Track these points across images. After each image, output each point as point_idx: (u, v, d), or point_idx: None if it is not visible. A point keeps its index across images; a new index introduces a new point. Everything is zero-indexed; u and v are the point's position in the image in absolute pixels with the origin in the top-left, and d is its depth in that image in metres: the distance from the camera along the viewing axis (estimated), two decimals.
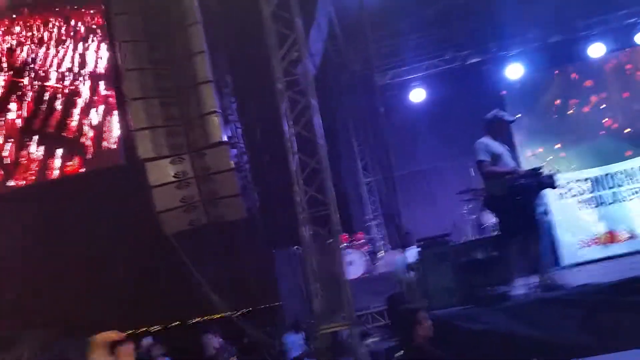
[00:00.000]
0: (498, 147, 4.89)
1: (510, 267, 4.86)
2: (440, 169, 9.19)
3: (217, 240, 6.06)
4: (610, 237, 6.64)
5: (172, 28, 6.16)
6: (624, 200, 6.71)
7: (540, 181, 4.79)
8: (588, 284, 4.52)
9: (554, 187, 5.01)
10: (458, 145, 7.72)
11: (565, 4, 8.41)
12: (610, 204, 6.72)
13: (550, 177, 4.84)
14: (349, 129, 9.96)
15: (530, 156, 9.22)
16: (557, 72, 9.81)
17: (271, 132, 6.66)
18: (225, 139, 6.22)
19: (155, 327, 6.61)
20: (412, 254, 6.11)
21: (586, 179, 6.83)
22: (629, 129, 9.34)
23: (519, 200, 4.63)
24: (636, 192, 6.69)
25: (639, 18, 9.24)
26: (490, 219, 6.95)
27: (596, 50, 9.31)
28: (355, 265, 7.47)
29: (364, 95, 9.68)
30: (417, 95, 9.79)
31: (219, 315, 6.06)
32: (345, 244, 7.35)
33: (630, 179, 6.74)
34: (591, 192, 6.77)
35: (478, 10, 8.83)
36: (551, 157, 9.19)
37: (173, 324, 6.45)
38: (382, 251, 9.05)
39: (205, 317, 6.15)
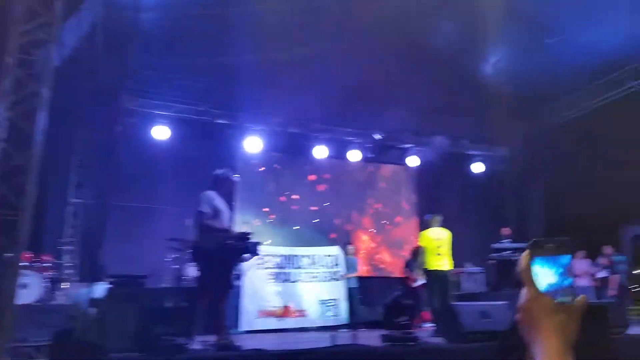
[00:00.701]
0: (221, 203, 5.14)
1: (195, 321, 4.98)
2: (158, 211, 8.98)
3: None
4: (286, 312, 7.47)
5: None
6: (304, 281, 7.72)
7: (246, 246, 5.18)
8: (258, 349, 4.94)
9: (255, 255, 5.47)
10: (184, 193, 7.75)
11: (309, 104, 9.59)
12: (293, 282, 7.64)
13: (256, 245, 5.27)
14: (76, 140, 9.03)
15: (244, 222, 9.89)
16: (291, 158, 11.06)
17: None
18: None
19: None
20: (100, 289, 5.68)
21: (280, 255, 7.66)
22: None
23: (223, 259, 4.89)
24: (315, 277, 7.81)
25: (356, 138, 11.30)
26: (192, 272, 7.06)
27: (321, 151, 10.89)
28: (30, 289, 6.49)
29: (105, 113, 9.02)
30: (161, 132, 9.64)
31: None
32: (25, 263, 6.38)
33: (313, 264, 7.87)
34: (280, 268, 7.60)
35: (241, 76, 9.34)
36: (260, 227, 10.04)
37: None
38: (68, 281, 8.11)
39: None
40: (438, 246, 7.14)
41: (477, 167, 12.02)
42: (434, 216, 7.42)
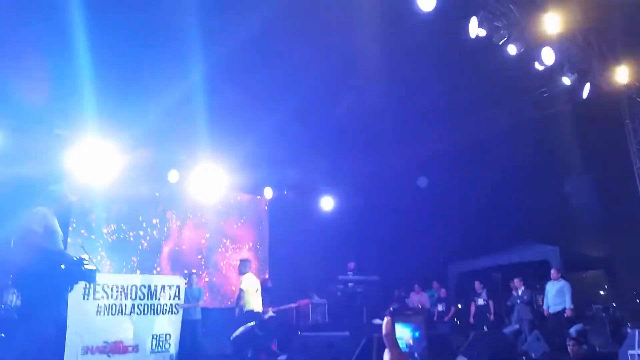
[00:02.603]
0: (54, 223, 4.55)
1: (15, 355, 4.29)
2: None
3: None
4: (117, 347, 6.79)
5: None
6: (140, 314, 7.10)
7: (80, 273, 4.60)
8: None
9: (91, 283, 4.93)
10: (8, 210, 6.69)
11: (165, 126, 9.02)
12: (127, 314, 6.99)
13: (93, 272, 4.72)
14: None
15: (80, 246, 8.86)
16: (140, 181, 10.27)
17: None
18: None
19: None
20: None
21: (115, 285, 6.99)
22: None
23: (52, 284, 4.29)
24: (152, 309, 7.24)
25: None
26: (13, 299, 6.13)
27: (173, 176, 10.38)
28: None
29: None
30: None
31: None
32: None
33: (151, 295, 7.31)
34: (114, 298, 6.92)
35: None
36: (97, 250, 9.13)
37: None
38: None
39: None
40: (256, 289, 7.86)
41: (327, 203, 12.52)
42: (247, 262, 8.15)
